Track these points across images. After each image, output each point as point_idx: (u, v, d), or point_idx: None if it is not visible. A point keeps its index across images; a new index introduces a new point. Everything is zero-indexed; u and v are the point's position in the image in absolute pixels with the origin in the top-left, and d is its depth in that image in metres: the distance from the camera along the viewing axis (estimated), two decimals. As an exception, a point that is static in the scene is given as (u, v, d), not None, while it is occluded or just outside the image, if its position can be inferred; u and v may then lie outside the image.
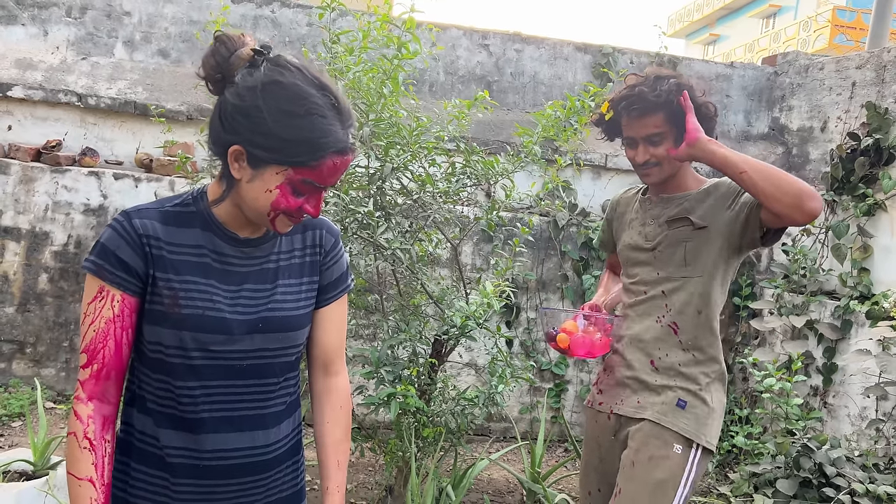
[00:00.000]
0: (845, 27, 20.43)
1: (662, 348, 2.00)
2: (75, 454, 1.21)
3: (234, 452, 1.27)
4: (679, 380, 1.97)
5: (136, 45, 4.71)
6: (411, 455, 3.00)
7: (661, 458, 1.90)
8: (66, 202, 4.34)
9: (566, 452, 4.65)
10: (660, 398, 1.96)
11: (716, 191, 1.99)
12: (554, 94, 5.02)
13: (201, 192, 1.31)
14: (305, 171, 1.19)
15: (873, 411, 4.05)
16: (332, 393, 1.44)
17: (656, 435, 1.92)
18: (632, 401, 2.02)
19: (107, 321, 1.21)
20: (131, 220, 1.23)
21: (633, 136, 1.99)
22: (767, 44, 23.41)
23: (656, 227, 2.05)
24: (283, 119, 1.16)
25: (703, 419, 1.94)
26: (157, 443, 1.26)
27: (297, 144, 1.17)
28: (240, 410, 1.27)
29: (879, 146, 4.29)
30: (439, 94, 4.89)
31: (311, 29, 4.82)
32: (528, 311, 4.76)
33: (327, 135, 1.18)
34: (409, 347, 3.21)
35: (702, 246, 1.97)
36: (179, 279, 1.23)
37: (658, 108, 1.92)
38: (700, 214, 1.97)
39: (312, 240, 1.38)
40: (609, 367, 2.15)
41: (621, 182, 5.02)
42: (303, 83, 1.19)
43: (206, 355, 1.23)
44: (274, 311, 1.29)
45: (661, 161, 1.97)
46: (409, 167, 3.04)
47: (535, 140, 3.08)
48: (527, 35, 5.10)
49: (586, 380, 4.86)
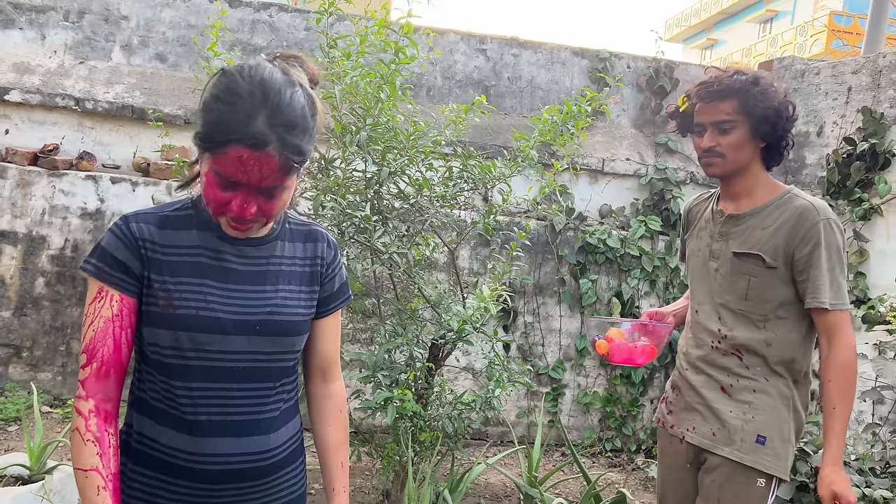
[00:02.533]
0: (842, 32, 20.51)
1: (731, 375, 1.95)
2: (79, 448, 1.22)
3: (231, 458, 1.28)
4: (753, 411, 1.92)
5: (133, 50, 4.71)
6: (408, 459, 3.00)
7: (746, 494, 1.90)
8: (64, 206, 4.34)
9: (563, 457, 4.65)
10: (738, 435, 1.91)
11: (796, 225, 1.87)
12: (551, 98, 5.04)
13: (199, 196, 1.31)
14: (215, 158, 1.16)
15: (870, 415, 4.06)
16: (330, 398, 1.48)
17: (740, 472, 1.90)
18: (705, 430, 1.97)
19: (105, 321, 1.23)
20: (129, 224, 1.26)
21: (703, 121, 1.92)
22: (764, 48, 23.49)
23: (723, 244, 1.98)
24: (208, 103, 1.18)
25: (783, 454, 1.92)
26: (156, 444, 1.27)
27: (208, 127, 1.16)
28: (235, 415, 1.28)
29: (875, 151, 4.31)
30: (437, 98, 4.90)
31: (308, 33, 4.83)
32: (526, 315, 4.77)
33: (236, 123, 1.14)
34: (406, 351, 3.21)
35: (767, 284, 1.89)
36: (174, 280, 1.25)
37: (732, 94, 1.86)
38: (771, 251, 1.88)
39: (314, 251, 1.40)
40: (676, 386, 2.11)
41: (618, 186, 5.03)
42: (236, 71, 1.18)
43: (202, 356, 1.24)
44: (273, 315, 1.30)
45: (725, 152, 1.89)
46: (407, 171, 3.05)
47: (531, 144, 3.08)
48: (524, 40, 5.12)
49: (584, 384, 4.87)
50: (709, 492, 1.94)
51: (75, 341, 4.36)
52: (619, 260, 4.80)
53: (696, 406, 2.00)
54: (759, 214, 1.93)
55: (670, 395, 2.13)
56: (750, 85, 1.85)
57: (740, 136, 1.88)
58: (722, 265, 1.96)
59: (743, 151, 1.90)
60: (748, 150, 1.90)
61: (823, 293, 1.82)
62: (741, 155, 1.90)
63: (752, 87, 1.85)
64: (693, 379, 2.02)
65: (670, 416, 2.10)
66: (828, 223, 1.84)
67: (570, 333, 4.84)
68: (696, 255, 2.07)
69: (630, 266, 4.82)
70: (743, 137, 1.88)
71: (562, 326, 4.83)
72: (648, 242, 4.89)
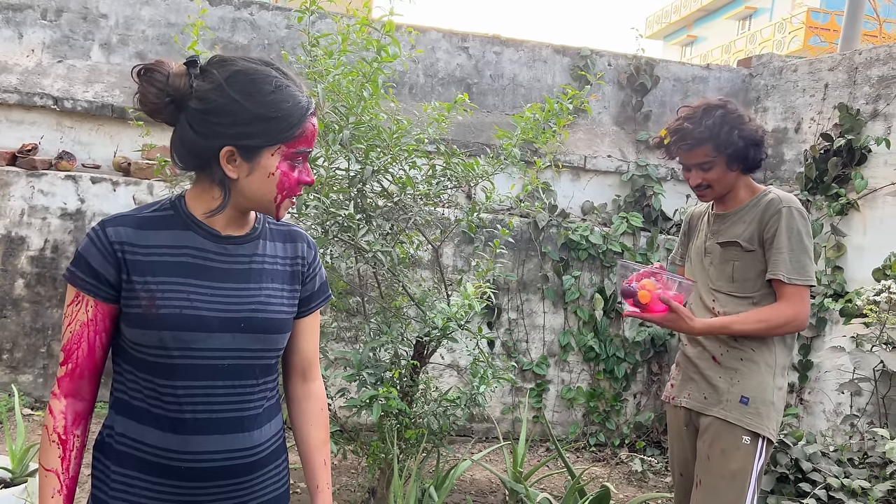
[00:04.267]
0: (819, 29, 20.74)
1: (722, 345, 2.20)
2: (45, 446, 1.28)
3: (215, 455, 1.28)
4: (739, 376, 2.15)
5: (112, 48, 4.67)
6: (394, 457, 3.01)
7: (733, 450, 2.11)
8: (43, 206, 4.30)
9: (548, 452, 4.68)
10: (724, 395, 2.16)
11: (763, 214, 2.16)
12: (533, 96, 5.06)
13: (179, 197, 1.33)
14: (296, 142, 1.26)
15: (848, 407, 4.12)
16: (311, 397, 1.49)
17: (726, 430, 2.13)
18: (698, 396, 2.24)
19: (81, 324, 1.27)
20: (105, 229, 1.26)
21: (687, 163, 2.23)
22: (744, 45, 23.69)
23: (714, 241, 2.27)
24: (259, 100, 1.22)
25: (765, 413, 2.12)
26: (139, 444, 1.28)
27: (280, 119, 1.23)
28: (219, 412, 1.29)
29: (851, 147, 4.38)
30: (419, 96, 4.91)
31: (290, 31, 4.82)
32: (510, 312, 4.79)
33: (299, 100, 1.26)
34: (390, 349, 3.22)
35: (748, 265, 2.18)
36: (156, 280, 1.25)
37: (704, 141, 2.14)
38: (748, 238, 2.17)
39: (294, 251, 1.42)
40: (678, 363, 2.39)
41: (600, 183, 5.07)
42: (255, 65, 1.25)
43: (187, 354, 1.25)
44: (258, 312, 1.31)
45: (712, 184, 2.20)
46: (390, 170, 3.05)
47: (514, 142, 3.10)
48: (506, 37, 5.13)
49: (567, 379, 4.90)
50: (701, 451, 2.18)
51: (56, 343, 4.32)
52: (602, 256, 4.84)
53: (692, 376, 2.27)
54: (740, 212, 2.23)
55: (673, 372, 2.40)
56: (717, 127, 2.13)
57: (720, 169, 2.18)
58: (714, 258, 2.26)
59: (727, 178, 2.20)
60: (731, 176, 2.20)
61: (781, 267, 2.09)
62: (725, 182, 2.20)
63: (720, 129, 2.13)
64: (690, 352, 2.29)
65: (672, 388, 2.37)
66: (789, 210, 2.11)
67: (554, 329, 4.87)
68: (695, 254, 2.36)
69: (612, 262, 4.86)
70: (722, 170, 2.18)
71: (545, 322, 4.86)
72: (630, 239, 4.94)
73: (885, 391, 3.80)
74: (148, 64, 1.25)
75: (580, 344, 4.86)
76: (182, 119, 1.25)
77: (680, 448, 2.34)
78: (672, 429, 2.39)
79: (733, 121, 2.15)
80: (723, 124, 2.13)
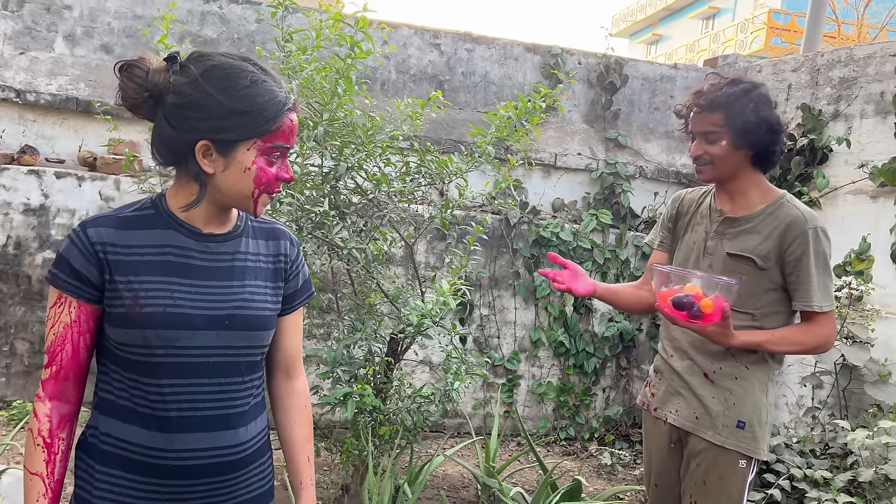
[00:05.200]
0: (780, 29, 21.19)
1: (714, 361, 2.07)
2: (30, 450, 1.27)
3: (201, 452, 1.29)
4: (734, 398, 2.05)
5: (77, 40, 4.57)
6: (368, 453, 3.01)
7: (730, 475, 2.05)
8: (5, 202, 4.19)
9: (519, 446, 4.72)
10: (719, 420, 2.05)
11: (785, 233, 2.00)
12: (505, 93, 5.09)
13: (160, 196, 1.34)
14: (272, 136, 1.26)
15: (810, 399, 4.24)
16: (294, 395, 1.51)
17: (723, 455, 2.05)
18: (688, 414, 2.11)
19: (65, 326, 1.26)
20: (86, 231, 1.26)
21: (694, 130, 2.06)
22: (707, 44, 24.09)
23: (717, 243, 2.09)
24: (235, 94, 1.23)
25: (761, 435, 2.05)
26: (124, 444, 1.27)
27: (256, 113, 1.24)
28: (204, 410, 1.29)
29: (814, 146, 4.49)
30: (391, 92, 4.90)
31: (260, 26, 4.76)
32: (482, 308, 4.82)
33: (276, 95, 1.26)
34: (364, 347, 3.22)
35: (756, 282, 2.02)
36: (139, 280, 1.25)
37: (718, 107, 1.98)
38: (763, 255, 2.01)
39: (277, 249, 1.43)
40: (659, 370, 2.24)
41: (570, 180, 5.12)
42: (232, 60, 1.27)
43: (171, 352, 1.25)
44: (242, 309, 1.32)
45: (713, 159, 2.02)
46: (364, 167, 3.05)
47: (488, 140, 3.12)
48: (477, 35, 5.15)
49: (538, 374, 4.95)
50: (695, 474, 2.10)
51: (19, 341, 4.23)
52: (572, 253, 4.90)
53: (679, 390, 2.13)
54: (754, 219, 2.05)
55: (653, 379, 2.27)
56: (736, 98, 1.97)
57: (725, 145, 2.00)
58: (715, 262, 2.08)
59: (729, 159, 2.01)
60: (735, 158, 2.02)
61: (814, 298, 1.98)
62: (728, 162, 2.02)
63: (738, 101, 1.96)
64: (677, 364, 2.14)
65: (653, 398, 2.23)
66: (815, 232, 1.97)
67: (525, 325, 4.92)
68: (690, 248, 2.18)
69: (582, 258, 4.92)
70: (727, 147, 2.00)
71: (517, 318, 4.90)
72: (600, 235, 5.00)
73: (845, 384, 3.92)
74: (129, 60, 1.27)
75: (551, 339, 4.90)
76: (160, 114, 1.26)
77: (660, 460, 2.23)
78: (651, 439, 2.27)
79: (757, 98, 1.99)
80: (743, 97, 1.97)
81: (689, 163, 5.32)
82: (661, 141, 5.44)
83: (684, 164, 5.32)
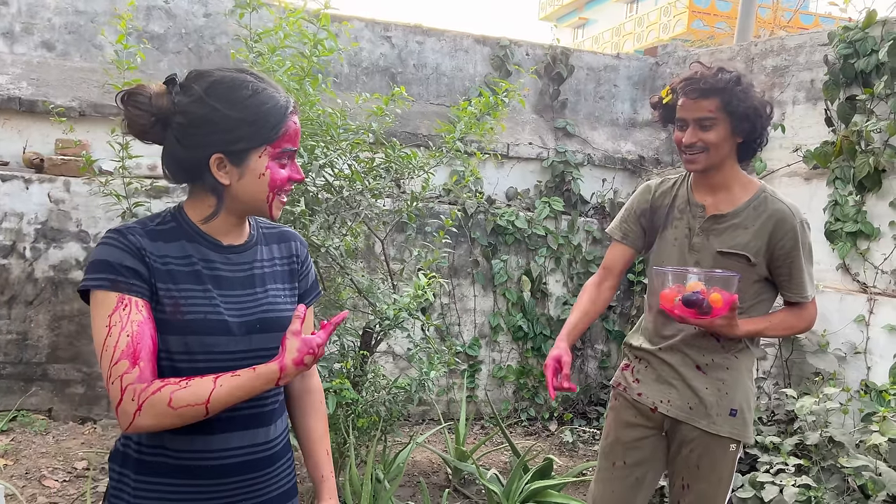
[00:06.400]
0: (701, 13, 21.94)
1: (706, 354, 2.12)
2: (180, 396, 1.20)
3: (239, 450, 1.35)
4: (726, 387, 2.11)
5: (16, 37, 4.39)
6: (350, 445, 3.08)
7: (722, 459, 2.13)
8: (-53, 207, 4.02)
9: (482, 429, 4.86)
10: (713, 409, 2.10)
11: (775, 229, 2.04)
12: (456, 85, 5.17)
13: (178, 208, 1.38)
14: (280, 141, 1.31)
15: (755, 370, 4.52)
16: (311, 392, 1.57)
17: (716, 442, 2.12)
18: (681, 405, 2.14)
19: (139, 324, 1.22)
20: (126, 236, 1.28)
21: (686, 117, 2.01)
22: (632, 28, 24.73)
23: (704, 240, 2.10)
24: (240, 106, 1.28)
25: (749, 419, 2.14)
26: (161, 451, 1.31)
27: (262, 121, 1.29)
28: (242, 410, 1.34)
29: (751, 132, 4.74)
30: (344, 86, 4.90)
31: (208, 20, 4.69)
32: (442, 297, 4.92)
33: (277, 101, 1.31)
34: (338, 342, 3.28)
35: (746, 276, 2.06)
36: (178, 287, 1.29)
37: (715, 92, 1.95)
38: (754, 251, 2.05)
39: (289, 250, 1.49)
40: (644, 359, 2.24)
41: (522, 169, 5.26)
42: (231, 73, 1.31)
43: (211, 357, 1.30)
44: (269, 312, 1.38)
45: (708, 147, 1.99)
46: (335, 164, 3.09)
47: (457, 136, 3.20)
48: (427, 27, 5.20)
49: (498, 359, 5.09)
50: (689, 459, 2.16)
51: (-30, 351, 4.08)
52: (527, 240, 5.04)
53: (671, 381, 2.16)
54: (740, 214, 2.08)
55: (637, 366, 2.26)
56: (733, 84, 1.96)
57: (721, 133, 1.98)
58: (703, 258, 2.10)
59: (722, 147, 2.01)
60: (727, 147, 2.02)
61: (807, 290, 2.09)
62: (721, 151, 2.01)
63: (735, 86, 1.96)
64: (668, 357, 2.17)
65: (636, 384, 2.24)
66: (802, 225, 2.05)
67: (485, 312, 5.04)
68: (671, 245, 2.17)
69: (537, 245, 5.07)
70: (723, 134, 1.99)
71: (476, 306, 5.02)
72: (552, 222, 5.16)
73: (787, 355, 4.20)
74: (129, 89, 1.30)
75: (509, 325, 5.05)
76: (169, 135, 1.30)
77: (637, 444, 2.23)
78: (623, 419, 2.27)
79: (747, 84, 1.99)
80: (738, 83, 1.96)
81: (634, 150, 5.54)
82: (607, 129, 5.63)
83: (629, 150, 5.53)
